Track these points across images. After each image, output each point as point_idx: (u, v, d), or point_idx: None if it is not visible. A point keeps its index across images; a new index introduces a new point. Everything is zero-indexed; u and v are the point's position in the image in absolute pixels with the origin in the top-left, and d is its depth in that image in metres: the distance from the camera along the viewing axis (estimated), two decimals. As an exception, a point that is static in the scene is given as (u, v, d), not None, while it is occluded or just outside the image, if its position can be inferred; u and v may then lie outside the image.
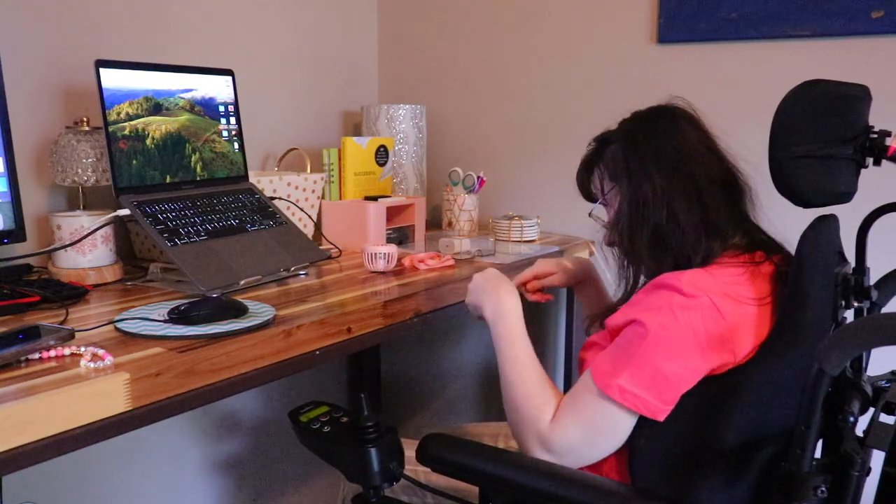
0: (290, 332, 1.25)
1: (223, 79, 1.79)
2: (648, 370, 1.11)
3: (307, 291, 1.51)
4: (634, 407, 1.12)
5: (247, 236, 1.62)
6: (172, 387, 1.06)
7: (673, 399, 1.11)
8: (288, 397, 2.37)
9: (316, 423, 1.21)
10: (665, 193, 1.20)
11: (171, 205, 1.56)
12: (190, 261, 1.45)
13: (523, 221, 2.15)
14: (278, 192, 1.88)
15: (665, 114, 1.27)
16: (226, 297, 1.31)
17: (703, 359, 1.11)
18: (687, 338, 1.10)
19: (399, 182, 2.30)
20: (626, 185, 1.25)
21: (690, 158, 1.22)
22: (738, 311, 1.12)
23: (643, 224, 1.22)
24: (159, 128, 1.61)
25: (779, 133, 1.09)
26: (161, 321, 1.22)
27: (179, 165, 1.65)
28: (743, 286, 1.14)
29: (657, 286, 1.16)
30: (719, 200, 1.21)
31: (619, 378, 1.12)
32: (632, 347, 1.13)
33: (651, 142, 1.24)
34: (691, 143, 1.23)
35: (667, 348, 1.11)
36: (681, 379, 1.11)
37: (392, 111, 2.28)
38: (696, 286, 1.12)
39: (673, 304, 1.11)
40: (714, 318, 1.10)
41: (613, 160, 1.29)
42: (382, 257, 1.67)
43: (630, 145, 1.26)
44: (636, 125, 1.28)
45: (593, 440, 1.17)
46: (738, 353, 1.11)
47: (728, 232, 1.21)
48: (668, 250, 1.21)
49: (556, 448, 1.18)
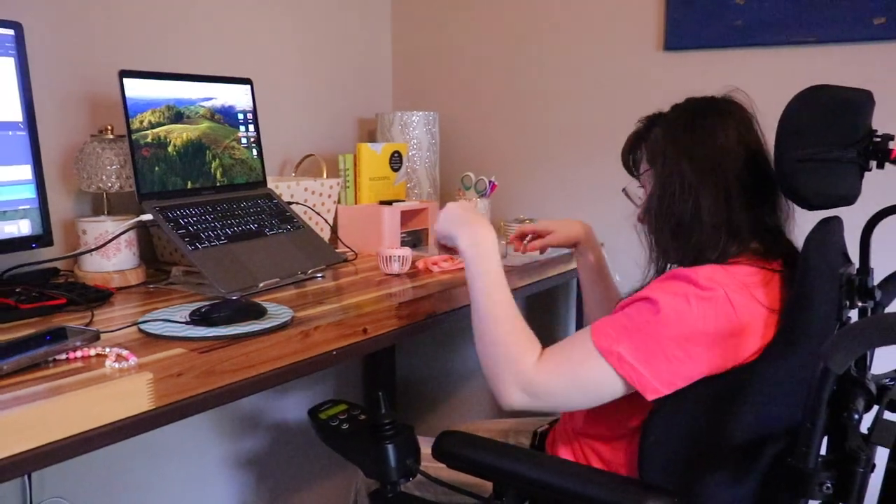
0: (308, 332, 1.25)
1: (242, 87, 1.79)
2: (652, 346, 1.10)
3: (324, 293, 1.51)
4: (628, 377, 1.10)
5: (265, 240, 1.62)
6: (194, 386, 1.06)
7: (668, 382, 1.10)
8: (306, 396, 2.37)
9: (335, 420, 1.21)
10: (693, 188, 1.19)
11: (192, 210, 1.57)
12: (210, 264, 1.45)
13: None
14: (296, 197, 1.88)
15: (716, 108, 1.24)
16: (245, 300, 1.32)
17: (709, 351, 1.10)
18: (696, 327, 1.09)
19: (413, 187, 2.30)
20: (659, 171, 1.24)
21: (726, 158, 1.19)
22: (751, 309, 1.11)
23: (669, 213, 1.21)
24: (180, 135, 1.61)
25: (784, 137, 1.09)
26: (183, 323, 1.22)
27: (200, 172, 1.65)
28: (756, 287, 1.13)
29: (672, 277, 1.15)
30: (745, 204, 1.19)
31: (620, 345, 1.11)
32: (640, 320, 1.12)
33: (691, 134, 1.21)
34: (732, 142, 1.19)
35: (675, 331, 1.09)
36: (682, 365, 1.09)
37: (406, 118, 2.28)
38: (712, 279, 1.11)
39: (689, 293, 1.11)
40: (727, 313, 1.09)
41: (654, 142, 1.27)
42: (397, 260, 1.67)
43: (671, 133, 1.24)
44: (683, 114, 1.25)
45: (572, 393, 1.16)
46: (742, 353, 1.10)
47: (747, 236, 1.20)
48: (688, 243, 1.20)
49: (536, 389, 1.16)
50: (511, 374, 1.18)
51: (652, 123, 1.30)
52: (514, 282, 1.81)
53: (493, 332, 1.22)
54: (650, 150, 1.28)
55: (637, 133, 1.33)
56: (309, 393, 2.39)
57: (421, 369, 2.72)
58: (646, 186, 1.30)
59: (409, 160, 2.27)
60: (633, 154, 1.33)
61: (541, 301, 2.41)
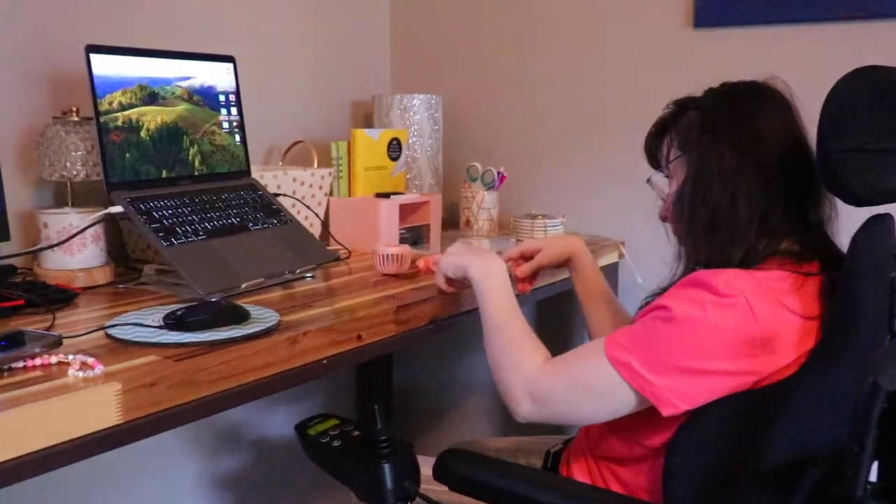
0: (296, 339, 1.25)
1: (223, 66, 1.79)
2: (664, 357, 1.12)
3: (314, 295, 1.51)
4: (640, 389, 1.12)
5: (249, 236, 1.62)
6: (168, 398, 1.06)
7: (685, 396, 1.11)
8: (293, 410, 2.38)
9: (325, 436, 1.21)
10: (732, 177, 1.19)
11: (168, 201, 1.56)
12: (187, 262, 1.45)
13: (547, 221, 2.14)
14: (283, 189, 1.88)
15: (756, 92, 1.25)
16: (226, 302, 1.31)
17: (730, 363, 1.10)
18: (712, 337, 1.10)
19: (413, 178, 2.30)
20: (693, 158, 1.24)
21: (767, 146, 1.19)
22: (778, 316, 1.11)
23: (703, 204, 1.22)
24: (154, 118, 1.61)
25: (828, 124, 1.08)
26: (156, 327, 1.22)
27: (176, 159, 1.65)
28: (787, 293, 1.13)
29: (691, 283, 1.15)
30: (785, 198, 1.19)
31: (631, 355, 1.14)
32: (653, 328, 1.14)
33: (732, 117, 1.22)
34: (774, 129, 1.20)
35: (689, 341, 1.11)
36: (700, 379, 1.10)
37: (406, 101, 2.28)
38: (732, 286, 1.11)
39: (705, 300, 1.11)
40: (747, 321, 1.10)
41: (687, 128, 1.27)
42: (395, 259, 1.67)
43: (709, 116, 1.24)
44: (722, 97, 1.26)
45: (580, 400, 1.20)
46: (771, 366, 1.10)
47: (780, 234, 1.20)
48: (719, 239, 1.20)
49: (540, 391, 1.21)
50: (517, 378, 1.24)
51: (684, 108, 1.30)
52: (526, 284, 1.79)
53: (500, 339, 1.30)
54: (682, 136, 1.28)
55: (666, 118, 1.33)
56: (296, 406, 2.39)
57: (421, 380, 2.72)
58: (674, 176, 1.30)
59: (408, 148, 2.27)
60: (661, 141, 1.33)
61: (552, 307, 2.40)
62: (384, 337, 1.42)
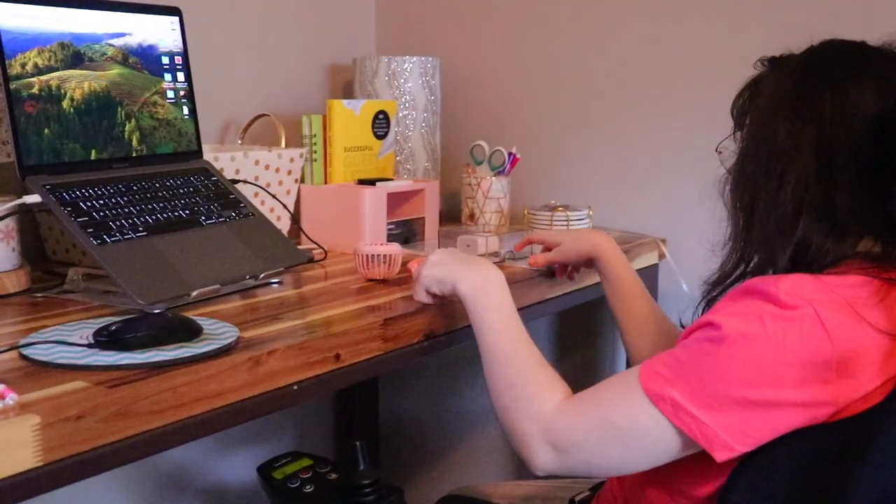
0: (259, 359, 1.25)
1: (167, 20, 1.78)
2: (715, 387, 1.11)
3: (281, 306, 1.51)
4: (688, 430, 1.12)
5: (201, 232, 1.61)
6: (99, 434, 1.06)
7: (742, 435, 1.10)
8: (256, 448, 2.38)
9: (294, 480, 1.22)
10: (783, 157, 1.21)
11: (98, 189, 1.56)
12: (123, 265, 1.44)
13: (569, 213, 2.14)
14: (243, 174, 1.88)
15: (856, 58, 1.24)
16: (172, 314, 1.31)
17: (799, 390, 1.09)
18: (775, 357, 1.09)
19: (404, 160, 2.31)
20: (745, 131, 1.28)
21: (842, 127, 1.19)
22: (857, 333, 1.10)
23: (747, 188, 1.25)
24: (80, 86, 1.61)
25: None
26: (83, 346, 1.21)
27: (109, 136, 1.64)
28: (868, 305, 1.13)
29: (745, 292, 1.15)
30: (857, 188, 1.18)
31: (674, 388, 1.13)
32: (700, 353, 1.13)
33: (802, 86, 1.23)
34: (860, 107, 1.19)
35: (745, 366, 1.10)
36: (761, 412, 1.10)
37: (395, 66, 2.28)
38: (797, 294, 1.11)
39: (764, 313, 1.11)
40: (817, 337, 1.09)
41: (757, 90, 1.30)
42: (381, 260, 1.67)
43: (781, 83, 1.26)
44: (807, 58, 1.27)
45: (609, 445, 1.18)
46: (849, 394, 1.09)
47: (852, 231, 1.20)
48: (764, 230, 1.23)
49: (559, 437, 1.20)
50: (531, 422, 1.22)
51: (772, 66, 1.32)
52: (544, 291, 1.82)
53: (505, 374, 1.29)
54: (748, 101, 1.31)
55: (753, 77, 1.34)
56: (260, 443, 2.39)
57: (413, 410, 2.72)
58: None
59: (398, 124, 2.27)
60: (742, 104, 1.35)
61: (574, 320, 2.40)
62: (368, 357, 1.42)
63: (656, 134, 2.24)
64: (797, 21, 1.97)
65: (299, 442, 2.50)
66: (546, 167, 2.42)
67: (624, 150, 2.31)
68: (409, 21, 2.63)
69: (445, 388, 2.65)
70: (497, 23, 2.48)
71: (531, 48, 2.43)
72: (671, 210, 2.21)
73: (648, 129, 2.26)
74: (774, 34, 1.33)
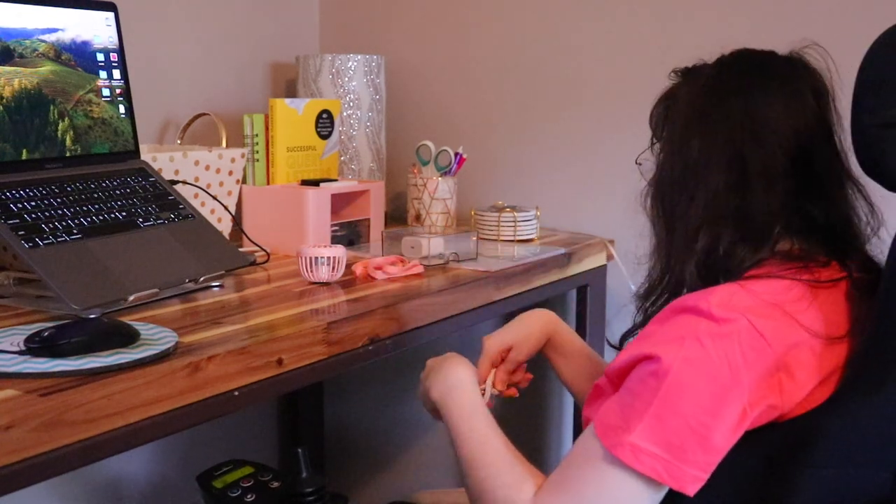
0: (199, 365, 1.24)
1: (102, 15, 1.77)
2: (671, 422, 1.10)
3: (222, 310, 1.51)
4: (654, 473, 1.11)
5: (138, 235, 1.61)
6: (31, 444, 1.05)
7: (708, 463, 1.11)
8: (195, 456, 2.36)
9: (235, 489, 1.21)
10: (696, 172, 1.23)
11: (30, 191, 1.55)
12: (57, 269, 1.43)
13: (517, 214, 2.15)
14: (182, 175, 1.88)
15: (767, 68, 1.26)
16: (108, 319, 1.31)
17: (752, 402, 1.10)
18: (721, 374, 1.10)
19: (349, 161, 2.31)
20: (662, 147, 1.30)
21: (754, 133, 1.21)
22: (791, 335, 1.12)
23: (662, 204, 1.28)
24: (10, 83, 1.59)
25: (864, 93, 1.10)
26: (14, 353, 1.20)
27: (40, 136, 1.63)
28: (798, 307, 1.14)
29: (675, 311, 1.16)
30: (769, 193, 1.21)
31: (631, 434, 1.11)
32: (646, 392, 1.13)
33: (711, 98, 1.25)
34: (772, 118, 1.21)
35: (695, 391, 1.10)
36: (717, 434, 1.10)
37: (339, 64, 2.28)
38: (729, 306, 1.12)
39: (699, 332, 1.11)
40: (756, 345, 1.10)
41: (671, 102, 1.32)
42: (325, 263, 1.67)
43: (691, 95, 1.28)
44: (721, 70, 1.28)
45: None
46: (790, 397, 1.11)
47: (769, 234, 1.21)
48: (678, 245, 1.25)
49: None
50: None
51: (686, 77, 1.33)
52: (491, 293, 1.82)
53: (476, 478, 1.29)
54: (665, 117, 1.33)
55: (667, 89, 1.36)
56: (199, 451, 2.38)
57: (359, 416, 2.73)
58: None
59: (343, 123, 2.27)
60: (658, 116, 1.36)
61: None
62: (312, 361, 1.42)
63: (604, 134, 2.26)
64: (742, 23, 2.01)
65: (240, 449, 2.47)
66: (493, 167, 2.43)
67: (572, 150, 2.33)
68: (353, 18, 2.63)
69: (392, 395, 2.65)
70: (443, 21, 2.48)
71: (478, 47, 2.44)
72: (619, 211, 2.21)
73: (596, 129, 2.28)
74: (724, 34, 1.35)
